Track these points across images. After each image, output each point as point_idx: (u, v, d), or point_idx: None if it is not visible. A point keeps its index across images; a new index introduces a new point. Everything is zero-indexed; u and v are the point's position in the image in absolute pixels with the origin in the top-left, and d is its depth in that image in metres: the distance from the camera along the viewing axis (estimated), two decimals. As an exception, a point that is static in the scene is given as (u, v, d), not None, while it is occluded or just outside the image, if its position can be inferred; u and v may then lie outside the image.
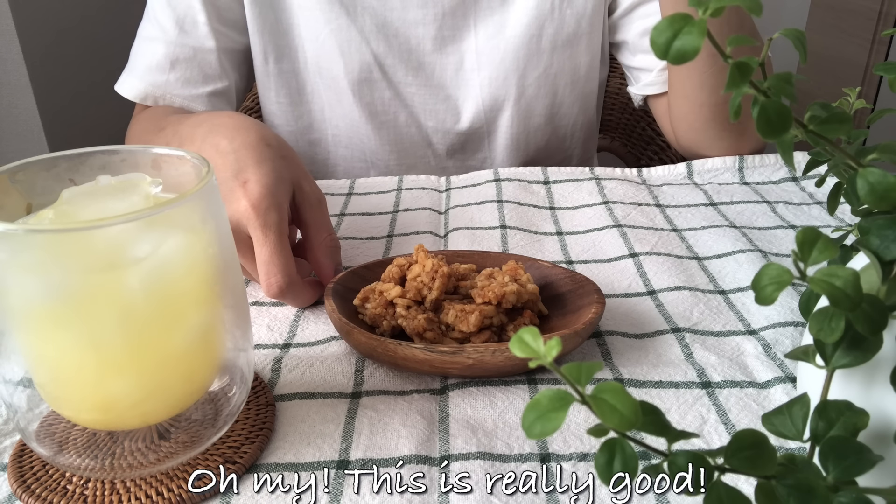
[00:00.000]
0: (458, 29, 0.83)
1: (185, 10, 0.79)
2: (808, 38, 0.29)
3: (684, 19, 0.26)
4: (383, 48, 0.83)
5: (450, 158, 0.91)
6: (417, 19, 0.82)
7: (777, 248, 0.61)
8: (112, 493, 0.36)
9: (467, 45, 0.84)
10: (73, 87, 1.54)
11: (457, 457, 0.39)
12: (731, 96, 0.28)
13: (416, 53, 0.84)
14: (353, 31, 0.81)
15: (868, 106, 0.39)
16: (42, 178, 0.37)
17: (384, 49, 0.83)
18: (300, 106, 0.88)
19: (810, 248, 0.27)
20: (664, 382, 0.44)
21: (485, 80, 0.85)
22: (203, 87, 0.80)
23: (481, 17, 0.83)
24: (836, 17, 1.95)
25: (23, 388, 0.36)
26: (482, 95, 0.86)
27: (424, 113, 0.87)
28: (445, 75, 0.85)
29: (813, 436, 0.28)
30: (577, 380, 0.24)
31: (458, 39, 0.84)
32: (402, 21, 0.82)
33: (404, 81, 0.85)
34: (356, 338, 0.45)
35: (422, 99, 0.86)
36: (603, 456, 0.24)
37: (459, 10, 0.82)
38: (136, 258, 0.33)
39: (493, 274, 0.50)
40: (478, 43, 0.83)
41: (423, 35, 0.83)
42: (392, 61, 0.84)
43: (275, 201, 0.51)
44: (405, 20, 0.82)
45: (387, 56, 0.83)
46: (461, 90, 0.86)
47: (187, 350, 0.36)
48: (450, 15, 0.82)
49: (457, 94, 0.87)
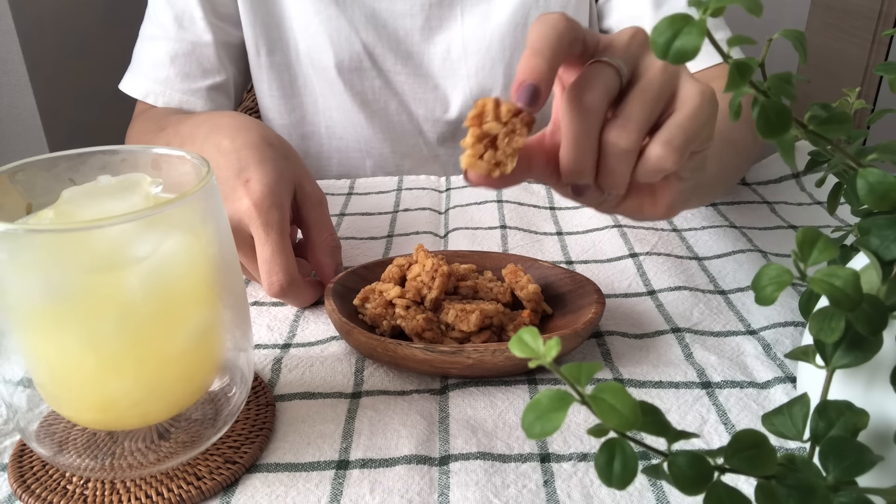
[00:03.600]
0: (444, 19, 0.84)
1: (183, 7, 0.80)
2: (808, 38, 0.29)
3: (684, 19, 0.26)
4: (372, 38, 0.84)
5: (441, 146, 0.92)
6: (405, 10, 0.83)
7: (777, 248, 0.61)
8: (112, 493, 0.36)
9: (454, 34, 0.84)
10: (73, 87, 1.54)
11: (457, 457, 0.38)
12: (732, 97, 0.28)
13: (405, 44, 0.85)
14: (342, 20, 0.82)
15: (868, 106, 0.39)
16: (42, 178, 0.37)
17: (373, 38, 0.84)
18: (293, 98, 0.89)
19: (810, 248, 0.27)
20: (664, 382, 0.44)
21: (472, 69, 0.86)
22: (202, 80, 0.81)
23: (468, 7, 0.83)
24: (836, 17, 1.95)
25: (23, 388, 0.36)
26: (469, 84, 0.86)
27: (414, 101, 0.88)
28: (433, 65, 0.86)
29: (813, 436, 0.28)
30: (577, 380, 0.24)
31: (446, 29, 0.84)
32: (390, 12, 0.83)
33: (393, 70, 0.86)
34: (356, 338, 0.45)
35: (411, 88, 0.87)
36: (603, 456, 0.24)
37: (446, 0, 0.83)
38: (135, 258, 0.33)
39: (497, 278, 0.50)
40: (464, 32, 0.84)
41: (411, 26, 0.84)
42: (381, 50, 0.85)
43: (276, 200, 0.51)
44: (393, 11, 0.83)
45: (376, 45, 0.84)
46: (449, 79, 0.87)
47: (187, 350, 0.36)
48: (437, 5, 0.83)
49: (445, 84, 0.87)
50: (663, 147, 0.36)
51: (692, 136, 0.37)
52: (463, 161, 0.36)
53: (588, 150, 0.37)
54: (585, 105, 0.36)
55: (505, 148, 0.36)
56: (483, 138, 0.36)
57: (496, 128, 0.35)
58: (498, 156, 0.36)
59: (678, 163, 0.36)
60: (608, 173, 0.38)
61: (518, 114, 0.36)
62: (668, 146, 0.36)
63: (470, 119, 0.36)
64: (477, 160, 0.36)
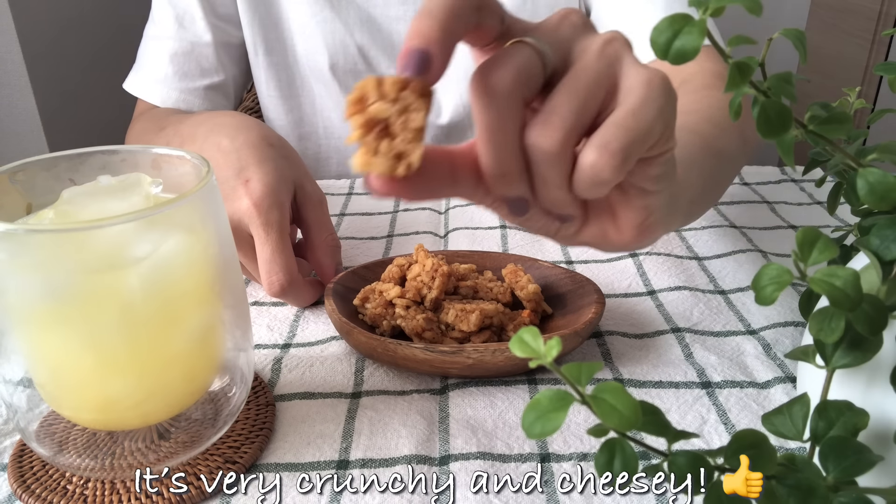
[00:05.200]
0: None
1: (184, 7, 0.81)
2: (808, 38, 0.29)
3: (684, 19, 0.26)
4: (367, 41, 0.84)
5: None
6: (399, 15, 0.83)
7: (777, 248, 0.61)
8: (112, 493, 0.36)
9: None
10: (73, 87, 1.54)
11: (457, 457, 0.38)
12: (732, 97, 0.28)
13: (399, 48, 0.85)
14: (337, 23, 0.83)
15: (868, 106, 0.39)
16: (42, 178, 0.37)
17: (368, 42, 0.84)
18: (290, 99, 0.90)
19: (810, 248, 0.27)
20: (664, 382, 0.44)
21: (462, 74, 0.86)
22: (200, 80, 0.82)
23: None
24: (836, 17, 1.95)
25: (23, 388, 0.36)
26: (460, 90, 0.86)
27: None
28: None
29: (813, 436, 0.28)
30: (577, 380, 0.24)
31: None
32: (384, 17, 0.84)
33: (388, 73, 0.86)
34: (356, 338, 0.45)
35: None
36: (603, 456, 0.24)
37: None
38: (136, 258, 0.33)
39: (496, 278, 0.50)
40: None
41: (405, 30, 0.84)
42: (375, 53, 0.85)
43: (277, 200, 0.51)
44: (387, 16, 0.83)
45: (370, 48, 0.85)
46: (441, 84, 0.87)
47: (187, 350, 0.36)
48: None
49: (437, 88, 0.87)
50: (598, 152, 0.28)
51: (637, 136, 0.29)
52: (355, 162, 0.27)
53: (505, 147, 0.29)
54: (493, 87, 0.28)
55: (403, 133, 0.28)
56: (372, 126, 0.28)
57: (384, 108, 0.27)
58: (396, 144, 0.28)
59: (619, 170, 0.28)
60: (541, 184, 0.30)
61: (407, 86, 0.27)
62: (603, 150, 0.28)
63: (351, 106, 0.27)
64: (371, 157, 0.27)
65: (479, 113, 0.29)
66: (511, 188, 0.30)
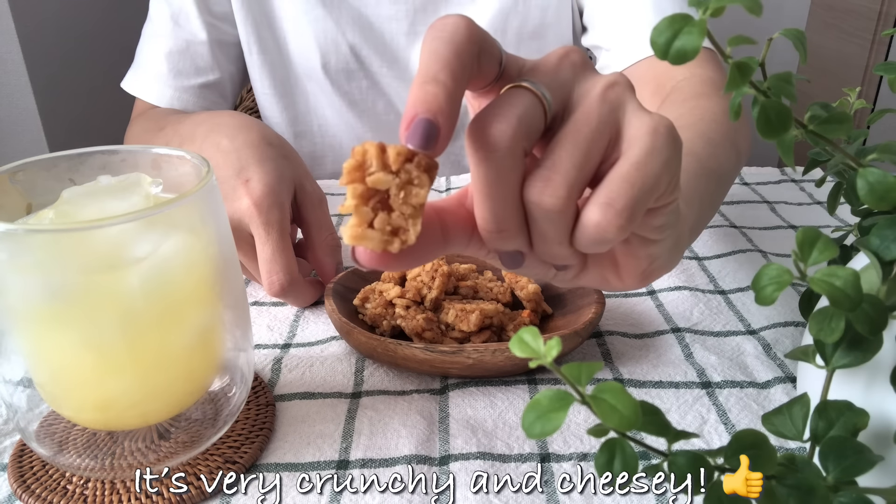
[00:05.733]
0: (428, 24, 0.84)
1: (180, 6, 0.81)
2: (808, 38, 0.29)
3: (684, 19, 0.26)
4: (359, 40, 0.84)
5: None
6: (391, 14, 0.84)
7: (777, 248, 0.61)
8: (112, 493, 0.36)
9: None
10: (73, 87, 1.54)
11: (457, 457, 0.38)
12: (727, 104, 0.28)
13: (391, 47, 0.85)
14: (329, 21, 0.83)
15: (868, 106, 0.39)
16: (42, 178, 0.37)
17: (360, 41, 0.84)
18: (285, 97, 0.90)
19: (810, 248, 0.27)
20: (664, 382, 0.44)
21: None
22: (195, 78, 0.82)
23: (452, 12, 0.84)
24: (836, 17, 1.95)
25: (23, 388, 0.36)
26: None
27: (401, 102, 0.89)
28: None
29: (813, 436, 0.28)
30: (577, 380, 0.24)
31: None
32: (376, 16, 0.84)
33: (380, 72, 0.87)
34: (356, 338, 0.45)
35: (397, 90, 0.88)
36: (603, 456, 0.24)
37: (430, 6, 0.83)
38: (136, 258, 0.33)
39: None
40: None
41: (397, 30, 0.84)
42: (367, 52, 0.85)
43: (277, 200, 0.51)
44: (379, 15, 0.84)
45: (362, 48, 0.85)
46: None
47: (187, 350, 0.36)
48: (421, 11, 0.83)
49: None
50: (603, 210, 0.26)
51: (644, 191, 0.27)
52: (346, 233, 0.26)
53: (503, 203, 0.27)
54: (492, 140, 0.26)
55: (402, 207, 0.26)
56: (369, 198, 0.26)
57: (386, 180, 0.25)
58: (394, 219, 0.26)
59: (625, 229, 0.27)
60: (539, 239, 0.28)
61: (412, 158, 0.26)
62: (608, 209, 0.26)
63: (348, 173, 0.25)
64: (365, 230, 0.26)
65: (476, 166, 0.27)
66: (508, 244, 0.28)
